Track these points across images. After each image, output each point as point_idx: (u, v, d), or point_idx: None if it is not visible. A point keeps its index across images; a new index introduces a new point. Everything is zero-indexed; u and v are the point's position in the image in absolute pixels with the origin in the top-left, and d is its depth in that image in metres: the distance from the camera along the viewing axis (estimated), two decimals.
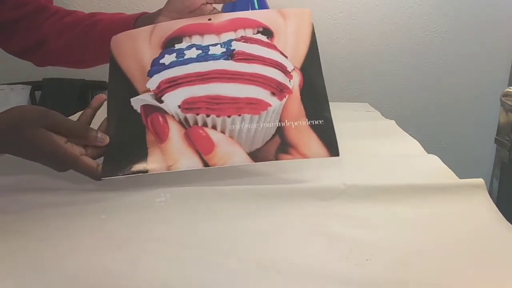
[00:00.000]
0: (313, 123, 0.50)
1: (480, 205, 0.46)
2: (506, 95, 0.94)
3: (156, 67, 0.51)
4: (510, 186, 1.11)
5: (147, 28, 0.54)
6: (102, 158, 0.49)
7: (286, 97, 0.50)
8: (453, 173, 0.54)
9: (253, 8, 0.78)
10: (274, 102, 0.50)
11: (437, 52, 1.25)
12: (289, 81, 0.51)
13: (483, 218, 0.44)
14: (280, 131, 0.49)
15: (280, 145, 0.48)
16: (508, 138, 0.98)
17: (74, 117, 0.85)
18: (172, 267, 0.36)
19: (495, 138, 1.02)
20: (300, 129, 0.49)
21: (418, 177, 0.54)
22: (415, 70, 1.26)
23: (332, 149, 0.48)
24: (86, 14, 0.69)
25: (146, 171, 0.46)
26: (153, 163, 0.47)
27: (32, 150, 0.47)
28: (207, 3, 0.56)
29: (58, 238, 0.40)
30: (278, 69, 0.51)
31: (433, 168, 0.56)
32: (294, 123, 0.50)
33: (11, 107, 0.48)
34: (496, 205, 0.46)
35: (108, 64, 0.70)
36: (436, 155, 0.60)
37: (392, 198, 0.46)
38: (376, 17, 1.21)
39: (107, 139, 0.49)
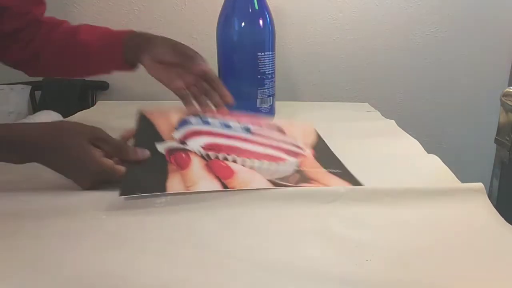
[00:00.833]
0: (330, 170, 0.54)
1: (480, 207, 0.46)
2: (506, 95, 0.94)
3: (183, 124, 0.58)
4: (510, 186, 1.11)
5: (177, 106, 0.64)
6: None
7: (302, 158, 0.56)
8: (452, 174, 0.54)
9: (253, 8, 0.78)
10: (291, 159, 0.55)
11: (437, 52, 1.25)
12: (303, 151, 0.58)
13: (483, 220, 0.44)
14: (299, 172, 0.53)
15: (300, 178, 0.51)
16: (508, 138, 0.97)
17: (74, 117, 0.85)
18: (172, 267, 0.36)
19: (495, 138, 1.02)
20: (319, 173, 0.53)
21: (418, 177, 0.54)
22: (415, 70, 1.26)
23: (354, 183, 0.51)
24: (71, 29, 0.70)
25: (164, 190, 0.46)
26: (172, 184, 0.47)
27: (68, 160, 0.47)
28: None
29: (58, 238, 0.40)
30: (292, 144, 0.59)
31: (433, 169, 0.56)
32: (312, 169, 0.54)
33: (11, 107, 0.49)
34: (496, 205, 0.46)
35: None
36: (436, 155, 0.60)
37: (392, 201, 0.47)
38: (376, 17, 1.21)
39: (146, 152, 0.51)
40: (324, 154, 0.59)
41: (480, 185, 0.48)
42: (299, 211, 0.45)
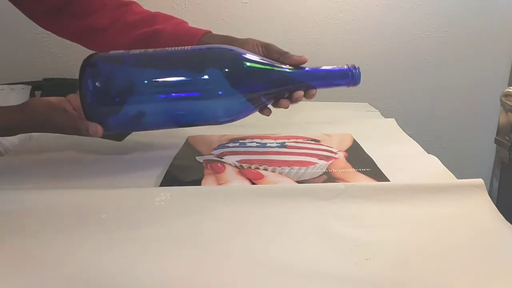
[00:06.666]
0: (360, 170, 0.55)
1: (480, 205, 0.46)
2: (506, 95, 0.94)
3: (222, 147, 0.64)
4: (510, 186, 1.11)
5: (217, 135, 0.69)
6: None
7: (333, 160, 0.58)
8: (452, 174, 0.54)
9: None
10: (321, 162, 0.57)
11: (437, 52, 1.25)
12: (335, 155, 0.61)
13: (483, 218, 0.44)
14: (327, 173, 0.54)
15: (327, 179, 0.52)
16: (508, 138, 0.98)
17: None
18: (172, 267, 0.36)
19: (495, 138, 1.02)
20: (348, 173, 0.54)
21: (417, 178, 0.54)
22: (415, 70, 1.26)
23: (380, 179, 0.52)
24: (146, 16, 0.68)
25: (199, 184, 0.51)
26: (206, 182, 0.51)
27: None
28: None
29: (58, 237, 0.40)
30: (324, 150, 0.63)
31: (432, 169, 0.56)
32: (340, 170, 0.55)
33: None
34: (496, 205, 0.46)
35: None
36: (436, 155, 0.60)
37: (392, 198, 0.46)
38: (376, 17, 1.21)
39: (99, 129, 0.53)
40: (357, 155, 0.61)
41: (480, 181, 0.48)
42: (299, 209, 0.45)
